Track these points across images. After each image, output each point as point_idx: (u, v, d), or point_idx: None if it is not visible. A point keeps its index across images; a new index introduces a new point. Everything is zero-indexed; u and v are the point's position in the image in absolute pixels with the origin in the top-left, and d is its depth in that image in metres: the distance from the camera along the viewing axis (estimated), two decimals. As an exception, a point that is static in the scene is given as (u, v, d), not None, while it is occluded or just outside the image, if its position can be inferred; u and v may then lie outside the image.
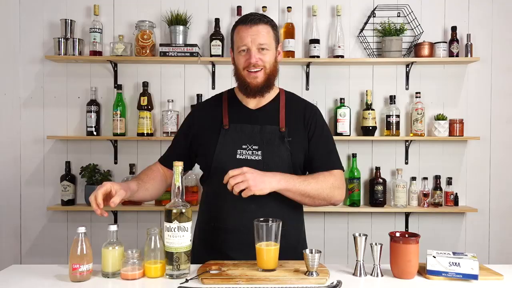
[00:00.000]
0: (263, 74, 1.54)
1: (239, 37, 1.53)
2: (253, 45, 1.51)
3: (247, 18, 1.54)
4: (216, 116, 1.62)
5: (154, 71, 2.89)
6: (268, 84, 1.57)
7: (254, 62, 1.51)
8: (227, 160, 1.52)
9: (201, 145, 1.61)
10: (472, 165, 2.92)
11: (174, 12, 2.80)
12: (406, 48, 2.88)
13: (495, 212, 2.92)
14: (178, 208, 1.30)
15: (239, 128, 1.57)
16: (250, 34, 1.51)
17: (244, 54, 1.54)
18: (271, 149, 1.54)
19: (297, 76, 2.91)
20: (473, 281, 1.30)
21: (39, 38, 2.86)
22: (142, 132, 2.75)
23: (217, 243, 1.55)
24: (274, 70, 1.58)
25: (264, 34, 1.52)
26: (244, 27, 1.52)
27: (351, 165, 2.87)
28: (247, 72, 1.53)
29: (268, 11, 2.83)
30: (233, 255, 1.50)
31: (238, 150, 1.54)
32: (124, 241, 1.42)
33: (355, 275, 1.36)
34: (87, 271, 1.30)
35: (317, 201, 1.54)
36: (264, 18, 1.55)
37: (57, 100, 2.87)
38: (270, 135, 1.56)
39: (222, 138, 1.56)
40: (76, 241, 1.29)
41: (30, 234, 2.86)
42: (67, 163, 2.80)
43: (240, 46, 1.53)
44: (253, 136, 1.56)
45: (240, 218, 1.51)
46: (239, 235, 1.51)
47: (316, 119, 1.63)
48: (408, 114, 2.90)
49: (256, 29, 1.51)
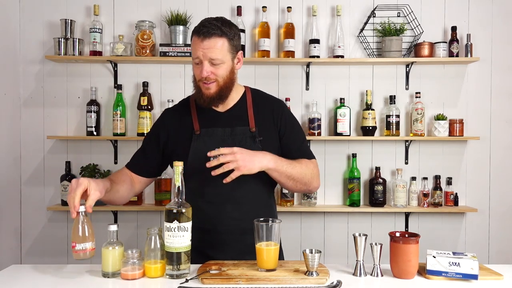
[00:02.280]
0: (215, 86, 1.52)
1: (193, 48, 1.50)
2: (205, 59, 1.48)
3: (200, 29, 1.48)
4: (186, 122, 1.61)
5: (154, 71, 2.89)
6: (221, 95, 1.55)
7: (206, 76, 1.49)
8: (202, 165, 1.52)
9: (173, 151, 1.61)
10: (472, 165, 2.92)
11: (174, 12, 2.80)
12: (406, 48, 2.88)
13: (495, 212, 2.92)
14: (178, 208, 1.30)
15: (211, 132, 1.58)
16: (201, 47, 1.47)
17: (198, 67, 1.51)
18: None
19: (297, 76, 2.91)
20: (473, 281, 1.30)
21: (39, 38, 2.86)
22: (142, 132, 2.75)
23: (196, 243, 1.52)
24: (229, 81, 1.54)
25: (216, 49, 1.47)
26: (198, 40, 1.48)
27: (351, 165, 2.87)
28: (202, 83, 1.52)
29: (268, 11, 2.84)
30: (213, 255, 1.54)
31: None
32: (124, 241, 1.42)
33: (355, 275, 1.36)
34: (90, 249, 1.29)
35: (298, 185, 1.58)
36: (218, 30, 1.47)
37: (57, 100, 2.87)
38: (241, 136, 1.57)
39: (194, 144, 1.57)
40: (77, 220, 1.29)
41: (30, 234, 2.87)
42: (67, 163, 2.80)
43: (194, 58, 1.51)
44: (225, 139, 1.57)
45: (216, 219, 1.56)
46: (217, 235, 1.56)
47: (284, 114, 1.65)
48: (408, 114, 2.90)
49: (208, 43, 1.46)
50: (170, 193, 1.36)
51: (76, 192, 1.30)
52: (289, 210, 2.80)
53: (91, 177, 2.70)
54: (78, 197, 1.30)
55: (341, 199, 2.92)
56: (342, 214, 2.91)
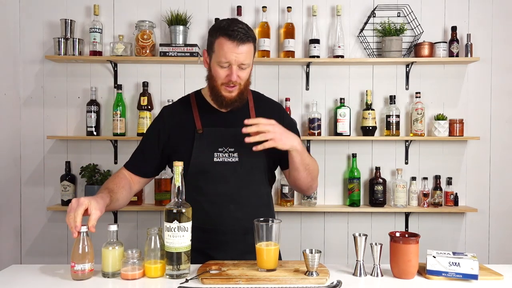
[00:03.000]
0: (237, 89, 1.53)
1: (223, 52, 1.48)
2: (236, 63, 1.48)
3: (234, 33, 1.47)
4: (187, 120, 1.60)
5: (154, 71, 2.89)
6: (241, 98, 1.56)
7: (235, 79, 1.50)
8: (205, 164, 1.53)
9: (175, 150, 1.59)
10: (472, 165, 2.92)
11: (174, 12, 2.80)
12: (406, 48, 2.88)
13: (495, 212, 2.92)
14: (178, 208, 1.30)
15: (213, 131, 1.57)
16: (235, 52, 1.47)
17: (224, 70, 1.50)
18: (247, 151, 1.53)
19: (297, 76, 2.91)
20: (473, 281, 1.30)
21: (39, 38, 2.86)
22: (142, 132, 2.75)
23: (198, 244, 1.52)
24: (248, 84, 1.57)
25: (248, 54, 1.50)
26: (231, 44, 1.47)
27: (351, 165, 2.87)
28: (224, 87, 1.52)
29: (268, 11, 2.83)
30: (214, 254, 1.54)
31: (215, 153, 1.55)
32: (124, 241, 1.42)
33: (355, 275, 1.36)
34: (89, 270, 1.30)
35: (308, 178, 1.59)
36: (249, 37, 1.50)
37: (57, 100, 2.87)
38: (244, 136, 1.54)
39: (197, 143, 1.56)
40: (77, 240, 1.30)
41: (30, 234, 2.87)
42: (67, 163, 2.80)
43: (222, 62, 1.49)
44: (228, 138, 1.57)
45: (220, 219, 1.55)
46: (219, 235, 1.55)
47: (285, 118, 1.67)
48: (408, 114, 2.90)
49: (243, 49, 1.47)
50: (170, 193, 1.36)
51: (77, 212, 1.27)
52: (289, 210, 2.80)
53: (91, 177, 2.74)
54: (80, 217, 1.27)
55: (341, 199, 2.92)
56: (342, 214, 2.91)
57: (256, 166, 1.58)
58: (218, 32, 1.50)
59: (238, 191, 1.55)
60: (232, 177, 1.55)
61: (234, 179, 1.55)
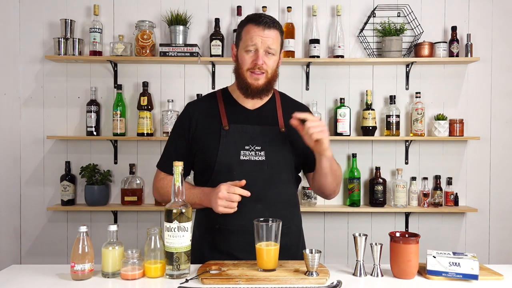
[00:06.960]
0: (264, 78, 1.53)
1: (249, 36, 1.50)
2: (262, 47, 1.50)
3: (261, 18, 1.51)
4: (213, 117, 1.59)
5: (154, 71, 2.89)
6: (268, 88, 1.56)
7: (261, 64, 1.50)
8: (231, 162, 1.51)
9: (201, 146, 1.57)
10: (472, 165, 2.92)
11: (174, 12, 2.80)
12: (406, 48, 2.88)
13: (495, 212, 2.92)
14: (178, 208, 1.30)
15: (240, 129, 1.56)
16: (261, 35, 1.49)
17: (251, 55, 1.51)
18: (274, 149, 1.54)
19: (297, 76, 2.91)
20: (473, 281, 1.30)
21: (39, 38, 2.86)
22: (142, 132, 2.75)
23: (224, 245, 1.52)
24: (275, 75, 1.57)
25: (275, 39, 1.52)
26: (257, 28, 1.50)
27: (351, 165, 2.87)
28: (250, 73, 1.52)
29: (268, 11, 2.83)
30: (241, 256, 1.49)
31: (241, 151, 1.53)
32: (124, 241, 1.42)
33: (355, 275, 1.36)
34: (89, 270, 1.30)
35: (334, 184, 1.59)
36: (276, 23, 1.53)
37: (57, 100, 2.87)
38: (271, 135, 1.56)
39: (223, 140, 1.54)
40: (77, 240, 1.30)
41: (30, 234, 2.86)
42: (67, 163, 2.80)
43: (249, 45, 1.51)
44: (254, 136, 1.55)
45: (246, 219, 1.46)
46: (246, 236, 1.46)
47: None
48: (408, 114, 2.90)
49: (269, 33, 1.50)
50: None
51: (236, 190, 1.40)
52: (289, 210, 2.80)
53: (91, 177, 2.73)
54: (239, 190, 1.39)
55: (341, 199, 2.92)
56: (342, 214, 2.91)
57: (283, 165, 1.56)
58: (246, 21, 1.55)
59: (265, 191, 1.51)
60: (259, 176, 1.51)
61: (261, 178, 1.52)
